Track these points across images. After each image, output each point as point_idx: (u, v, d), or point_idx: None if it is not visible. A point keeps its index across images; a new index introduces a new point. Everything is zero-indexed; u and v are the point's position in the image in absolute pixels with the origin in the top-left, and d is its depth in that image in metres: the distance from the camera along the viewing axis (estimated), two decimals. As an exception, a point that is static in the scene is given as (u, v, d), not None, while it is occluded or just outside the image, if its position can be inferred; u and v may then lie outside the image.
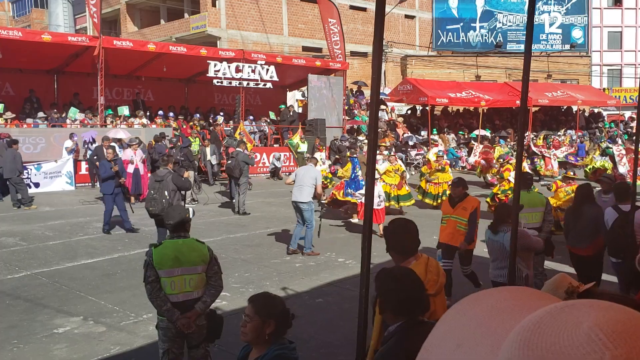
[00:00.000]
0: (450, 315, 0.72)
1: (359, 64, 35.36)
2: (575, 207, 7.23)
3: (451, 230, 7.39)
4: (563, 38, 40.00)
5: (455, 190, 7.54)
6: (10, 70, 21.17)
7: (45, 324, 6.60)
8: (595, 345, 0.54)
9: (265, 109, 26.35)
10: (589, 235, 6.88)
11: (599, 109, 36.47)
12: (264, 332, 2.93)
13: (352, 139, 24.61)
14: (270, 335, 2.94)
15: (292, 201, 10.12)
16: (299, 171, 10.39)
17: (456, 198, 7.45)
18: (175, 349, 4.53)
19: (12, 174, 14.59)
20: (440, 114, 32.65)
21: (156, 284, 4.44)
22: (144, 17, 37.75)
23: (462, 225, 7.27)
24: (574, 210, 7.21)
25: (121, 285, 8.12)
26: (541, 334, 0.58)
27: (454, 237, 7.26)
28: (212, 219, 13.39)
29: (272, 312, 2.97)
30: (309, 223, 9.93)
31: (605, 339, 0.54)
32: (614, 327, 0.55)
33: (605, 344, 0.54)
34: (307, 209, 9.91)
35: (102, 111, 20.32)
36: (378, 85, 2.18)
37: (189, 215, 4.84)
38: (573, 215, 7.14)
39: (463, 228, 7.26)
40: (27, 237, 11.20)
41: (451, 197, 7.67)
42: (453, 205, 7.39)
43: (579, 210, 7.10)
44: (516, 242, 3.46)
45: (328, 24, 26.06)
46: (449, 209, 7.44)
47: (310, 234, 9.97)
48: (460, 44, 39.40)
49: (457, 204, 7.35)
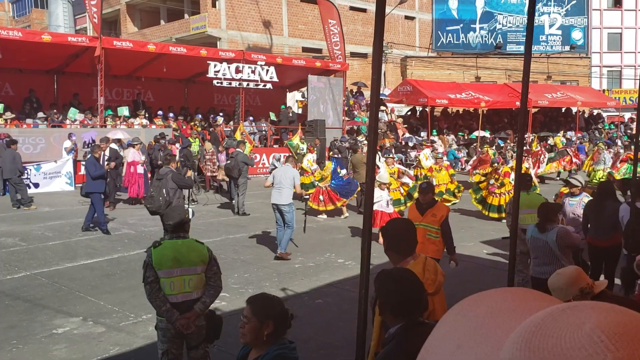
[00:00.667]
0: (451, 315, 0.72)
1: (359, 64, 35.37)
2: (597, 202, 7.62)
3: (421, 239, 6.80)
4: (563, 39, 40.03)
5: (425, 197, 7.03)
6: (10, 71, 21.17)
7: (44, 325, 6.59)
8: (597, 347, 0.54)
9: (265, 109, 26.36)
10: (609, 229, 7.28)
11: (598, 110, 36.49)
12: (262, 333, 2.93)
13: (351, 140, 24.61)
14: (268, 336, 2.94)
15: (272, 204, 9.88)
16: (276, 172, 10.13)
17: (425, 204, 6.94)
18: (174, 349, 4.53)
19: (12, 174, 14.59)
20: (440, 115, 32.66)
21: (155, 284, 4.44)
22: (144, 18, 37.77)
23: (432, 233, 6.72)
24: (596, 204, 7.59)
25: (121, 286, 8.12)
26: (542, 336, 0.58)
27: (425, 246, 6.48)
28: (212, 220, 13.40)
29: (270, 313, 2.96)
30: (290, 224, 9.76)
31: (607, 341, 0.54)
32: (616, 329, 0.55)
33: (607, 346, 0.54)
34: (289, 210, 9.73)
35: (102, 112, 20.33)
36: (378, 86, 2.18)
37: (188, 215, 4.85)
38: (594, 209, 7.53)
39: (434, 236, 6.71)
40: (26, 237, 11.20)
41: (419, 203, 7.07)
42: (422, 212, 6.86)
43: (601, 204, 7.46)
44: (515, 244, 3.47)
45: (328, 25, 26.07)
46: (417, 215, 6.83)
47: (288, 235, 9.77)
48: (460, 45, 39.42)
49: (427, 210, 6.85)
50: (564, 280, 3.37)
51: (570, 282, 3.35)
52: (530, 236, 6.15)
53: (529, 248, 6.33)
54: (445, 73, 36.54)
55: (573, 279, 3.37)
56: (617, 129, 32.98)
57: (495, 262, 9.70)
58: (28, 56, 19.80)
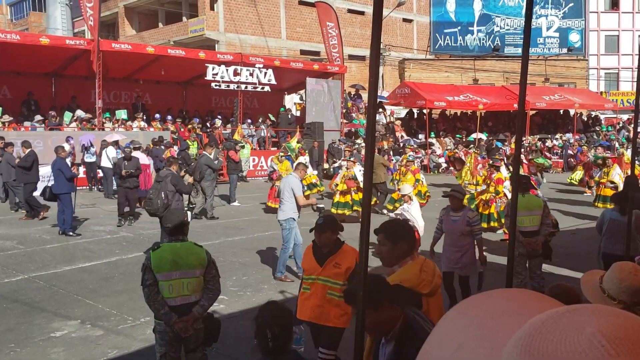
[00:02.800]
0: (451, 316, 0.72)
1: (357, 67, 35.40)
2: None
3: (318, 300, 4.73)
4: (560, 42, 40.15)
5: (322, 237, 4.86)
6: (8, 73, 21.15)
7: (42, 328, 6.57)
8: (597, 352, 0.54)
9: (263, 112, 26.37)
10: None
11: (596, 113, 36.56)
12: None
13: (350, 142, 24.65)
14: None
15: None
16: (280, 184, 9.12)
17: (324, 248, 4.86)
18: (172, 352, 4.52)
19: (10, 177, 14.57)
20: (438, 117, 32.70)
21: (154, 287, 4.43)
22: (142, 21, 37.78)
23: (335, 291, 4.64)
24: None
25: (119, 289, 8.10)
26: (542, 339, 0.57)
27: (324, 311, 4.68)
28: (210, 223, 13.38)
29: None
30: (285, 244, 8.52)
31: (608, 345, 0.54)
32: (616, 333, 0.55)
33: (607, 350, 0.54)
34: (285, 227, 8.46)
35: (100, 114, 20.31)
36: (375, 88, 2.18)
37: (187, 218, 4.85)
38: None
39: (337, 296, 4.57)
40: (24, 240, 11.18)
41: (316, 248, 4.92)
42: (321, 261, 4.80)
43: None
44: (514, 246, 3.46)
45: (326, 28, 26.10)
46: (315, 266, 4.81)
47: (282, 257, 8.58)
48: (458, 47, 39.50)
49: (328, 258, 4.79)
50: (618, 276, 2.95)
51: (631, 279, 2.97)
52: (608, 218, 7.05)
53: (603, 229, 7.11)
54: (443, 75, 36.59)
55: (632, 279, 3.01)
56: (614, 131, 32.99)
57: (491, 263, 9.70)
58: (26, 59, 19.79)
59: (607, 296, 2.65)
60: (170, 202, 9.58)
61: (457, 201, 7.28)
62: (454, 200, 7.28)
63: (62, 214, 11.67)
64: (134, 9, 37.22)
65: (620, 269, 2.68)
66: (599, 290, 2.69)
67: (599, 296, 2.67)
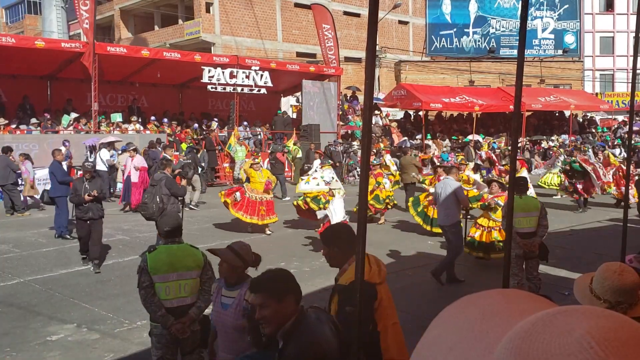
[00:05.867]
0: (443, 318, 0.72)
1: (353, 69, 35.44)
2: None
3: None
4: (555, 43, 40.25)
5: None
6: (3, 77, 21.10)
7: (38, 332, 6.55)
8: (587, 354, 0.54)
9: (260, 114, 26.36)
10: None
11: (591, 114, 36.66)
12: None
13: (346, 144, 24.66)
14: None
15: None
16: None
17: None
18: (169, 355, 4.51)
19: (5, 180, 14.54)
20: (434, 119, 32.74)
21: (150, 289, 4.42)
22: (138, 23, 37.75)
23: None
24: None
25: (115, 292, 8.08)
26: (532, 342, 0.57)
27: None
28: (206, 225, 13.36)
29: None
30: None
31: (597, 347, 0.54)
32: (606, 335, 0.55)
33: (597, 353, 0.54)
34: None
35: (95, 117, 20.28)
36: (371, 90, 2.19)
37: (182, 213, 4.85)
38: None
39: None
40: (20, 243, 11.14)
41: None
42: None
43: None
44: (510, 247, 3.46)
45: (322, 30, 26.12)
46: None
47: None
48: (454, 49, 39.57)
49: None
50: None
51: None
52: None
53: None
54: (439, 77, 36.65)
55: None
56: (610, 132, 33.05)
57: (487, 265, 9.72)
58: (21, 62, 19.75)
59: (593, 296, 2.68)
60: (165, 206, 9.52)
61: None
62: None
63: (58, 217, 11.64)
64: (129, 12, 37.19)
65: (606, 268, 2.70)
66: (588, 290, 2.72)
67: (587, 296, 2.70)
